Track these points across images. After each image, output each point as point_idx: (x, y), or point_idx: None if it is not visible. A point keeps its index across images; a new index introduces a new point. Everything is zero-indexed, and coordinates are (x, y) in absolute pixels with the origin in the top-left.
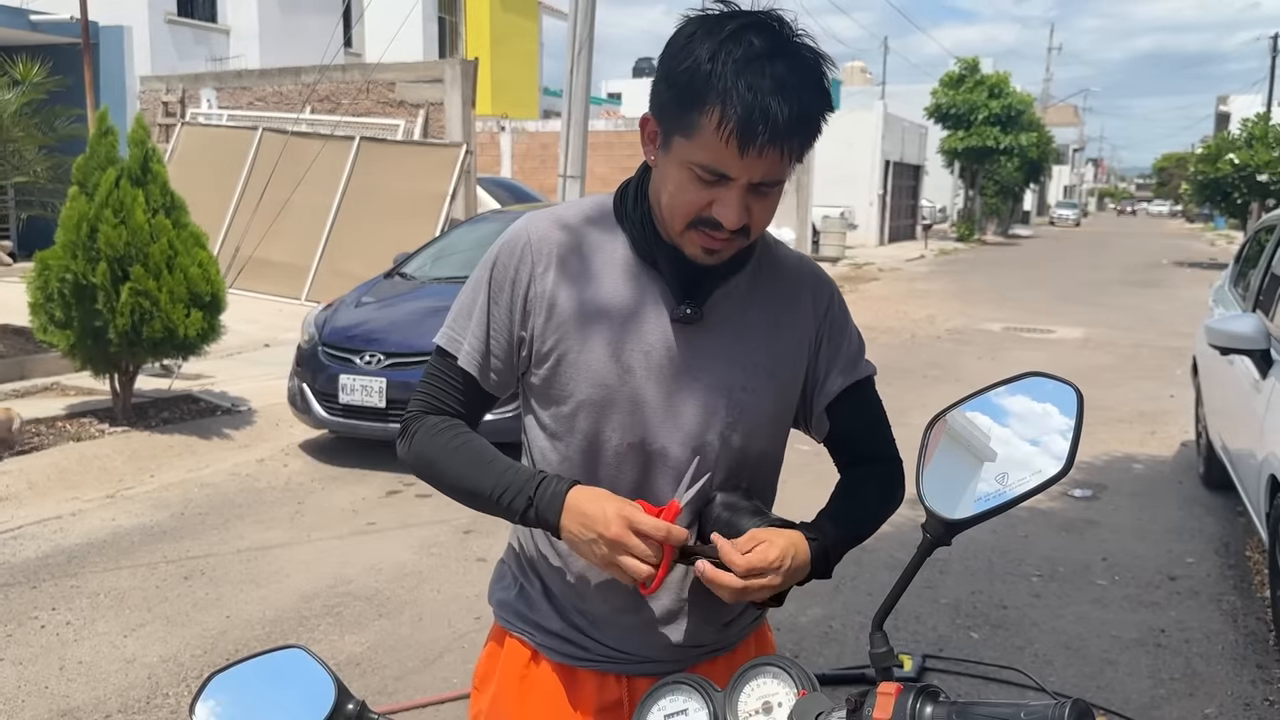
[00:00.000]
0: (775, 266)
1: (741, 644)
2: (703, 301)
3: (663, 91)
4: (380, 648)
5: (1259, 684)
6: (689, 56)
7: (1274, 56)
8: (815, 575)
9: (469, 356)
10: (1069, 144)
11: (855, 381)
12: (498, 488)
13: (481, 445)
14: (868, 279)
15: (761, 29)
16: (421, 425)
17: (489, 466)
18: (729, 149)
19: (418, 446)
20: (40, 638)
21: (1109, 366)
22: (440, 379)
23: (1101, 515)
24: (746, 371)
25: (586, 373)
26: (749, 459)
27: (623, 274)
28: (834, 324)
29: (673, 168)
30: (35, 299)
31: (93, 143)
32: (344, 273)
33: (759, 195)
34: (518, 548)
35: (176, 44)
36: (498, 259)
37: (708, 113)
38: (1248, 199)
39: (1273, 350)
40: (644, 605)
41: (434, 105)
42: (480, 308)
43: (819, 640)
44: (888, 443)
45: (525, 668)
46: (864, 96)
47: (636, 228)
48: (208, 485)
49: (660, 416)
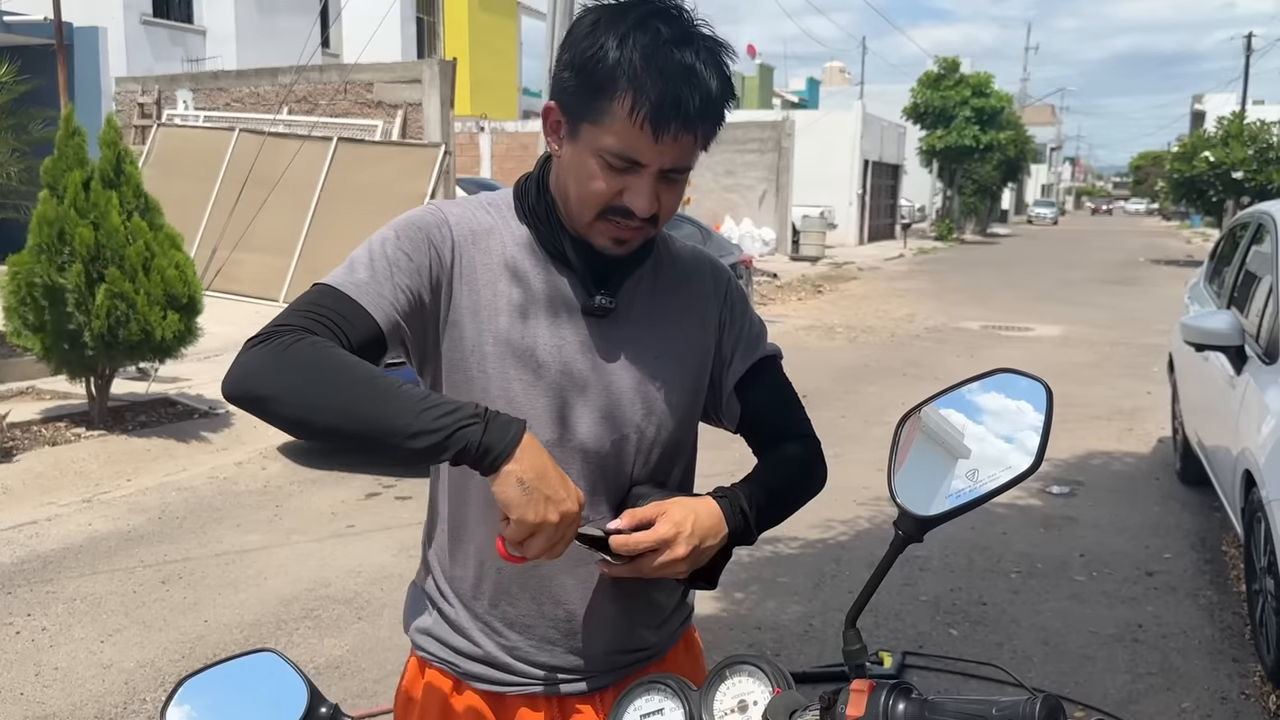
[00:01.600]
0: (674, 257)
1: (671, 651)
2: (614, 292)
3: (569, 79)
4: (360, 651)
5: (1235, 678)
6: (595, 44)
7: (1248, 55)
8: (737, 539)
9: (370, 296)
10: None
11: (760, 359)
12: (424, 404)
13: (382, 374)
14: (847, 278)
15: (665, 17)
16: (304, 339)
17: (403, 387)
18: (643, 134)
19: (296, 351)
20: (16, 644)
21: (1087, 364)
22: (323, 314)
23: (1079, 512)
24: (659, 360)
25: (498, 369)
26: (665, 448)
27: (531, 267)
28: (734, 308)
29: (581, 156)
30: (8, 303)
31: (60, 144)
32: (321, 274)
33: (668, 183)
34: (434, 569)
35: (152, 45)
36: (410, 222)
37: (619, 99)
38: (1223, 197)
39: (1247, 347)
40: (578, 610)
41: (412, 106)
42: (382, 258)
43: (799, 638)
44: (801, 422)
45: (448, 698)
46: (843, 97)
47: (542, 222)
48: (185, 489)
49: (576, 411)
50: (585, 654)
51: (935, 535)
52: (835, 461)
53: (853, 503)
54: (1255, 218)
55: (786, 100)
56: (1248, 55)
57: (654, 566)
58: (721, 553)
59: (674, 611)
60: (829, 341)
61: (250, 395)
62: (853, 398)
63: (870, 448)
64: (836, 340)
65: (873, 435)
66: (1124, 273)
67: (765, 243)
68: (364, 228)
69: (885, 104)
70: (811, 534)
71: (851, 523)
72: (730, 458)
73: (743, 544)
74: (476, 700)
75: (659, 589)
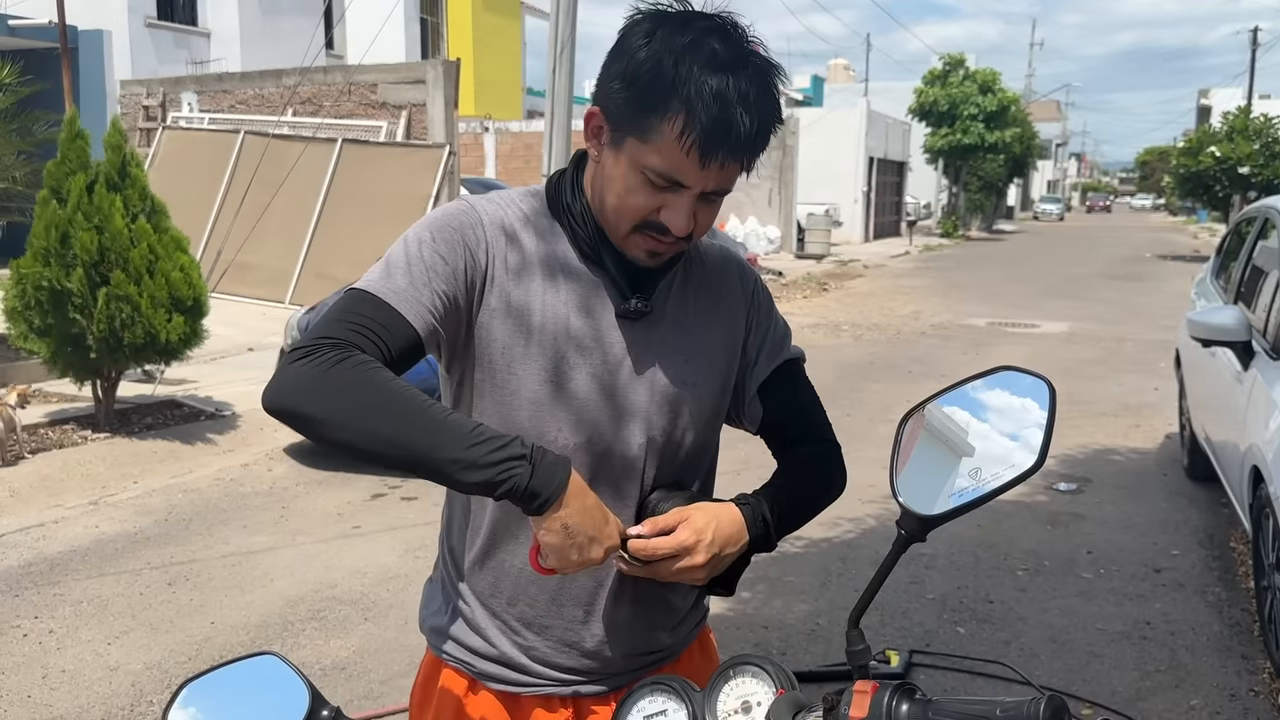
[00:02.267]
0: (702, 258)
1: (685, 652)
2: (649, 296)
3: (617, 90)
4: (366, 652)
5: (1244, 675)
6: (651, 58)
7: (1254, 49)
8: (757, 547)
9: (409, 303)
10: (1052, 139)
11: (785, 361)
12: (473, 436)
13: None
14: (853, 276)
15: (722, 35)
16: (348, 356)
17: (450, 417)
18: (689, 159)
19: (341, 372)
20: (23, 646)
21: (1093, 360)
22: (364, 324)
23: (1086, 509)
24: (690, 364)
25: (529, 368)
26: (690, 451)
27: (565, 270)
28: (760, 309)
29: (622, 168)
30: (13, 306)
31: (63, 147)
32: (327, 275)
33: (706, 202)
34: (450, 569)
35: (157, 47)
36: (444, 222)
37: (670, 120)
38: (1229, 191)
39: (1254, 342)
40: (595, 611)
41: (416, 106)
42: (418, 261)
43: (805, 637)
44: (822, 425)
45: (464, 698)
46: (847, 94)
47: (579, 224)
48: (191, 491)
49: (608, 414)
50: (601, 656)
51: (941, 533)
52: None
53: (859, 501)
54: (1261, 212)
55: (791, 98)
56: (1253, 49)
57: (672, 572)
58: (740, 560)
59: (689, 614)
60: (834, 339)
61: (293, 413)
62: (858, 395)
63: (876, 446)
64: (842, 338)
65: (878, 433)
66: (1130, 268)
67: (770, 241)
68: (369, 229)
69: (890, 101)
70: (818, 533)
71: (858, 521)
72: (734, 456)
73: (762, 551)
74: (492, 700)
75: (675, 592)
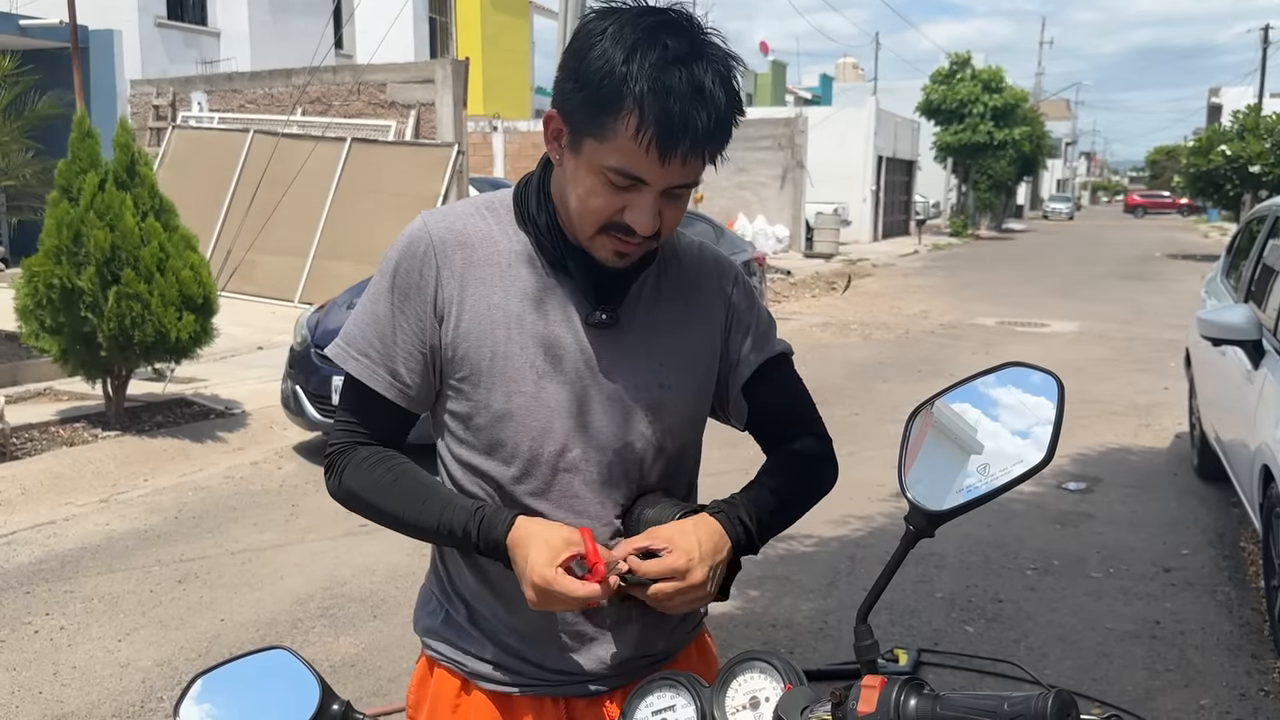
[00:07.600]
0: (678, 257)
1: (682, 654)
2: (618, 304)
3: (570, 91)
4: (374, 649)
5: (1254, 674)
6: (601, 56)
7: (1265, 47)
8: (742, 551)
9: (383, 381)
10: (1062, 138)
11: (769, 358)
12: (441, 528)
13: (414, 479)
14: (862, 275)
15: (675, 29)
16: (350, 460)
17: (425, 506)
18: (648, 157)
19: (349, 483)
20: (34, 643)
21: (1103, 359)
22: (357, 406)
23: (1096, 508)
24: (664, 368)
25: (500, 382)
26: (671, 455)
27: (530, 277)
28: (741, 305)
29: (582, 171)
30: (24, 305)
31: (73, 146)
32: (336, 274)
33: (671, 199)
34: (441, 571)
35: (167, 47)
36: (399, 265)
37: (623, 118)
38: (1240, 190)
39: (1264, 341)
40: (587, 616)
41: (425, 106)
42: (385, 321)
43: (814, 636)
44: (810, 421)
45: (456, 698)
46: (856, 93)
47: (543, 230)
48: (202, 488)
49: (579, 423)
50: (594, 658)
51: (950, 532)
52: (849, 458)
53: (867, 499)
54: (1272, 211)
55: (799, 97)
56: (1265, 47)
57: (679, 604)
58: (729, 565)
59: (684, 617)
60: (843, 338)
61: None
62: (867, 395)
63: (884, 444)
64: (851, 337)
65: (887, 432)
66: (1140, 267)
67: (779, 240)
68: (378, 227)
69: (899, 100)
70: (826, 531)
71: (867, 519)
72: (744, 456)
73: (748, 554)
74: (484, 701)
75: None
